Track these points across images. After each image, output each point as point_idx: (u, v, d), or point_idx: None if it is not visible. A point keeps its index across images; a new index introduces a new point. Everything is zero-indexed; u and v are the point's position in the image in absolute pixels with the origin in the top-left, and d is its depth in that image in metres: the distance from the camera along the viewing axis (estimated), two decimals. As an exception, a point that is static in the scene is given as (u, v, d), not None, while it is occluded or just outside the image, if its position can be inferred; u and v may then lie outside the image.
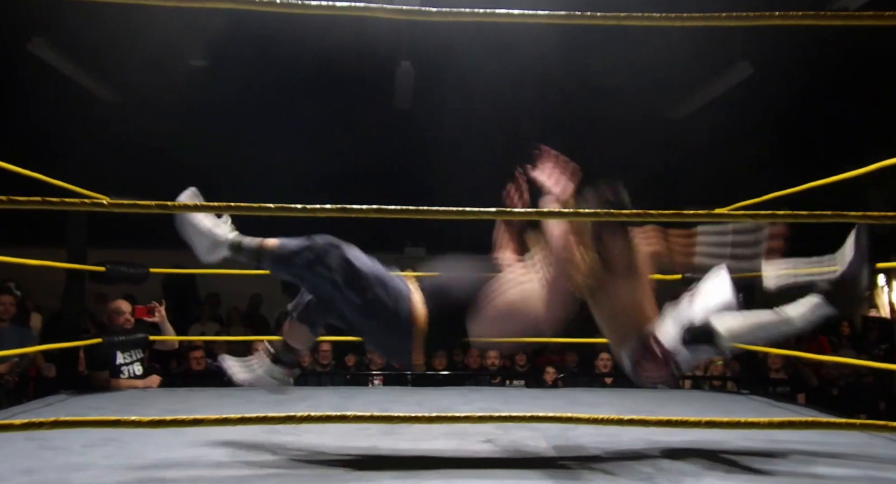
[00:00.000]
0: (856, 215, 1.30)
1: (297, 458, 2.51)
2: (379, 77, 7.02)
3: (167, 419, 1.36)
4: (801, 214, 1.35)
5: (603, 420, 1.48)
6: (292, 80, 6.72)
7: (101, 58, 6.63)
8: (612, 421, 1.49)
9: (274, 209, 1.32)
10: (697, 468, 2.43)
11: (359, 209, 1.32)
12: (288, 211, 1.32)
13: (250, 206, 1.33)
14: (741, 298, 2.13)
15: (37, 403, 3.73)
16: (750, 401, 4.11)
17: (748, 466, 2.47)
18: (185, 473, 2.28)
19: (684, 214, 1.35)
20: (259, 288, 8.54)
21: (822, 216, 1.33)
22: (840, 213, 1.31)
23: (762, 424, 1.37)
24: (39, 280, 6.68)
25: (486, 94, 6.87)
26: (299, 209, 1.32)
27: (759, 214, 1.43)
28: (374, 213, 1.32)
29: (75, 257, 4.07)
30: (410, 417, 1.99)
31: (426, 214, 1.36)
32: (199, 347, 5.62)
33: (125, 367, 4.29)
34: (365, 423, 2.32)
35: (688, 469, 2.41)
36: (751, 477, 2.32)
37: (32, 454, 2.49)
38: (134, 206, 1.32)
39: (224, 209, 1.33)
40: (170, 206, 1.32)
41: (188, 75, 6.85)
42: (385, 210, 1.32)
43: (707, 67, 7.20)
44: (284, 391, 2.49)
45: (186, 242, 2.27)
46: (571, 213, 1.35)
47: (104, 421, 1.34)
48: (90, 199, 3.71)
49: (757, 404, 3.99)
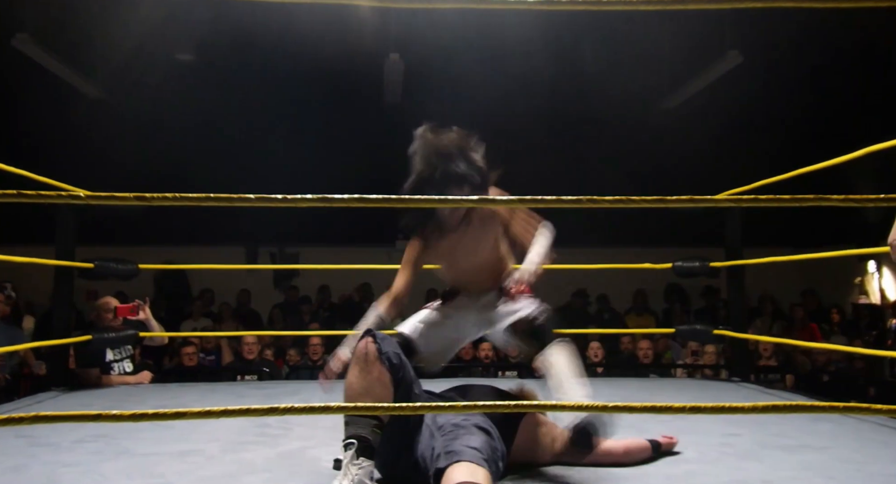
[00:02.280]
0: (837, 198, 1.29)
1: (287, 451, 2.50)
2: (367, 70, 6.98)
3: (149, 413, 1.35)
4: (783, 198, 1.35)
5: (589, 407, 1.48)
6: (279, 73, 6.67)
7: (86, 54, 6.57)
8: (597, 408, 1.49)
9: (254, 200, 1.31)
10: (687, 454, 2.45)
11: (340, 199, 1.31)
12: (268, 201, 1.31)
13: (230, 197, 1.31)
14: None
15: (28, 401, 3.72)
16: (740, 388, 4.13)
17: (736, 451, 2.49)
18: (173, 467, 2.27)
19: (667, 200, 1.34)
20: (247, 283, 8.54)
21: (803, 200, 1.32)
22: (822, 196, 1.31)
23: (746, 408, 1.37)
24: (32, 279, 6.67)
25: (476, 88, 6.85)
26: (279, 200, 1.30)
27: (742, 199, 1.43)
28: (355, 202, 1.31)
29: (63, 254, 4.04)
30: (397, 407, 1.99)
31: (408, 204, 1.35)
32: (192, 343, 5.60)
33: (116, 363, 4.27)
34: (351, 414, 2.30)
35: (676, 454, 2.43)
36: (738, 463, 2.34)
37: (22, 451, 2.48)
38: (111, 199, 1.31)
39: (204, 201, 1.32)
40: (147, 198, 1.30)
41: (174, 70, 6.81)
42: (366, 199, 1.31)
43: (696, 57, 7.20)
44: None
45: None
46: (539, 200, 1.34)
47: (85, 416, 1.32)
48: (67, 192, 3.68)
49: (747, 391, 4.02)
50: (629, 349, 6.02)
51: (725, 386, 4.25)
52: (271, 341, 5.96)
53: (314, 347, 5.60)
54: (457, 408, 1.81)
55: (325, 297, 8.48)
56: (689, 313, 8.45)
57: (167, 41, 6.50)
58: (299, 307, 8.10)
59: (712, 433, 2.75)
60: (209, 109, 7.25)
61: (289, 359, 5.75)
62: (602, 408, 1.40)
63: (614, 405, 1.33)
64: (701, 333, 4.59)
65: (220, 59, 6.65)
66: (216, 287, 8.37)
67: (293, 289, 8.68)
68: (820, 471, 2.23)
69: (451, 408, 1.81)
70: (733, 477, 2.16)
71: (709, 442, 2.63)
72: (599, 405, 1.39)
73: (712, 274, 4.51)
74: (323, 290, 8.59)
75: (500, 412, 2.08)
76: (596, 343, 5.77)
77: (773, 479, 2.14)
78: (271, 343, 5.95)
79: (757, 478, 2.15)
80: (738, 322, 4.44)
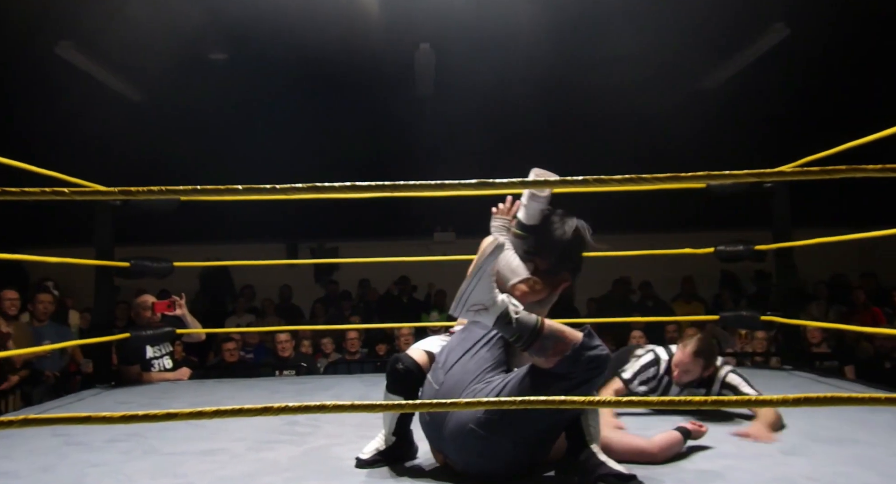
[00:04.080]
0: (874, 168, 1.17)
1: (311, 449, 2.47)
2: (398, 62, 6.92)
3: (160, 413, 1.32)
4: (811, 171, 1.23)
5: (606, 403, 1.39)
6: (310, 69, 6.64)
7: (126, 57, 6.66)
8: (618, 403, 1.39)
9: (242, 191, 1.25)
10: (724, 447, 2.32)
11: (330, 187, 1.24)
12: (257, 192, 1.25)
13: (217, 189, 1.26)
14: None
15: (70, 398, 3.79)
16: (791, 376, 3.95)
17: (780, 445, 2.35)
18: (197, 466, 2.26)
19: (681, 177, 1.23)
20: (288, 279, 8.60)
21: (834, 172, 1.20)
22: (857, 167, 1.19)
23: (775, 401, 1.26)
24: (81, 279, 6.84)
25: (507, 73, 6.71)
26: (268, 190, 1.24)
27: (764, 173, 1.31)
28: (347, 191, 1.24)
29: (102, 255, 4.10)
30: (427, 404, 1.92)
31: (404, 190, 1.28)
32: (233, 339, 5.65)
33: (155, 360, 4.32)
34: (378, 411, 2.25)
35: (716, 449, 2.31)
36: (782, 458, 2.20)
37: (55, 450, 2.51)
38: (95, 194, 1.27)
39: (191, 193, 1.26)
40: (132, 191, 1.26)
41: (209, 69, 6.86)
42: (358, 187, 1.24)
43: (740, 32, 6.91)
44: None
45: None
46: (557, 181, 1.25)
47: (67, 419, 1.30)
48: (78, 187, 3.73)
49: (798, 380, 3.83)
50: (674, 338, 5.84)
51: (776, 375, 4.06)
52: (310, 336, 5.97)
53: (352, 341, 5.58)
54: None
55: (364, 290, 8.49)
56: (741, 300, 8.18)
57: (201, 41, 6.55)
58: (340, 302, 8.13)
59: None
60: (244, 107, 7.30)
61: (324, 347, 5.77)
62: (618, 403, 1.30)
63: (628, 399, 1.24)
64: (747, 320, 4.40)
65: (252, 57, 6.66)
66: (258, 283, 8.47)
67: (333, 283, 8.72)
68: (871, 467, 2.08)
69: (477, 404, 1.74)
70: (775, 473, 2.04)
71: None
72: (609, 400, 1.30)
73: (758, 257, 4.31)
74: (363, 283, 8.61)
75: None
76: (638, 332, 5.61)
77: (818, 475, 2.01)
78: (310, 337, 5.97)
79: (800, 474, 2.02)
80: (788, 307, 4.24)
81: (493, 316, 1.91)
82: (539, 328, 1.90)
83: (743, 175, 1.26)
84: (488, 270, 1.91)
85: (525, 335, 1.90)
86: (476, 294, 1.90)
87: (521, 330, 1.90)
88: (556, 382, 1.89)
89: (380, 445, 2.23)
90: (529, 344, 1.91)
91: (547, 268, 2.23)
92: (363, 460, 2.21)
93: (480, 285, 1.90)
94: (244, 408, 1.84)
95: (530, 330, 1.90)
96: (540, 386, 1.89)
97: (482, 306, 1.91)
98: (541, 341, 1.90)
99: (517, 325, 1.90)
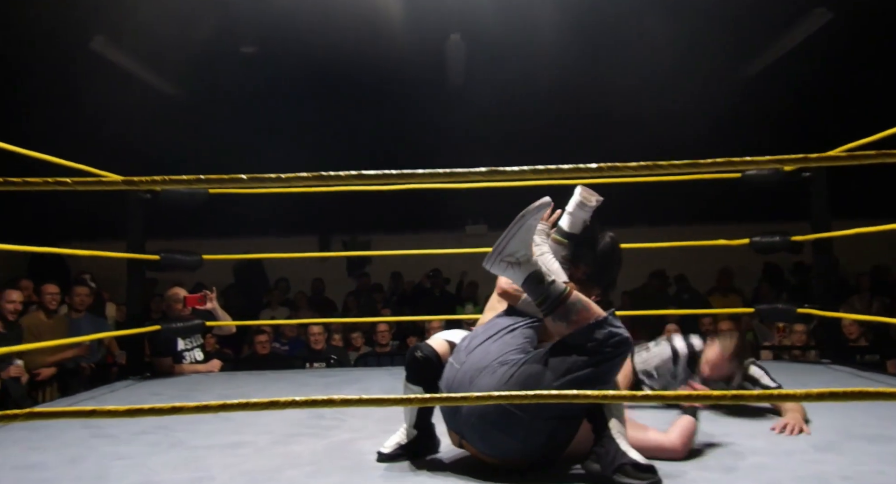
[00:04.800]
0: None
1: (335, 443, 2.46)
2: (428, 54, 6.87)
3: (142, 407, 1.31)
4: (856, 155, 1.16)
5: (631, 397, 1.34)
6: (339, 61, 6.63)
7: (161, 51, 6.74)
8: (637, 397, 1.35)
9: (247, 181, 1.23)
10: (756, 443, 2.25)
11: (336, 177, 1.22)
12: (262, 182, 1.23)
13: (221, 179, 1.24)
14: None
15: (103, 389, 3.85)
16: (829, 371, 3.83)
17: (815, 441, 2.27)
18: (220, 460, 2.26)
19: (700, 164, 1.18)
20: (321, 272, 8.65)
21: (881, 156, 1.14)
22: (886, 152, 1.12)
23: (798, 395, 1.20)
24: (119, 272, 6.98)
25: (536, 62, 6.62)
26: (273, 180, 1.22)
27: (786, 159, 1.25)
28: (353, 179, 1.22)
29: (133, 248, 4.17)
30: (449, 398, 1.89)
31: (409, 180, 1.25)
32: (265, 332, 5.70)
33: (187, 352, 4.37)
34: (400, 405, 2.23)
35: (745, 444, 2.24)
36: (815, 455, 2.13)
37: (83, 442, 2.54)
38: (98, 184, 1.26)
39: (195, 183, 1.25)
40: (135, 181, 1.25)
41: (240, 63, 6.90)
42: (365, 176, 1.21)
43: (780, 16, 6.70)
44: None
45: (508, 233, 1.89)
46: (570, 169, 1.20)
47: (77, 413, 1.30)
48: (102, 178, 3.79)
49: (837, 375, 3.71)
50: (710, 331, 5.72)
51: (813, 369, 3.95)
52: (341, 329, 6.01)
53: (382, 334, 5.59)
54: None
55: (396, 283, 8.49)
56: (781, 292, 7.97)
57: (231, 34, 6.59)
58: (372, 295, 8.14)
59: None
60: (273, 100, 7.33)
61: (354, 340, 5.79)
62: (632, 397, 1.25)
63: (644, 394, 1.19)
64: (783, 312, 4.28)
65: (282, 50, 6.68)
66: (291, 276, 8.53)
67: (365, 276, 8.74)
68: (910, 465, 2.00)
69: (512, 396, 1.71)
70: (808, 471, 1.97)
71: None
72: (634, 394, 1.25)
73: (795, 248, 4.19)
74: (395, 276, 8.61)
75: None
76: (673, 325, 5.50)
77: (853, 474, 1.93)
78: (340, 330, 6.00)
79: (835, 473, 1.94)
80: (827, 299, 4.12)
81: (524, 273, 1.90)
82: (566, 295, 1.90)
83: (765, 161, 1.20)
84: (530, 223, 1.89)
85: (551, 298, 1.90)
86: (513, 244, 1.89)
87: (548, 292, 1.89)
88: (575, 353, 1.88)
89: (401, 439, 2.22)
90: (554, 308, 1.90)
91: (582, 278, 2.25)
92: (384, 454, 2.19)
93: (519, 236, 1.88)
94: (260, 402, 1.84)
95: (558, 294, 1.90)
96: (560, 354, 1.90)
97: (515, 260, 1.89)
98: (565, 307, 1.89)
99: (546, 286, 1.89)
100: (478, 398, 1.64)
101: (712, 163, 1.20)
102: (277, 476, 2.08)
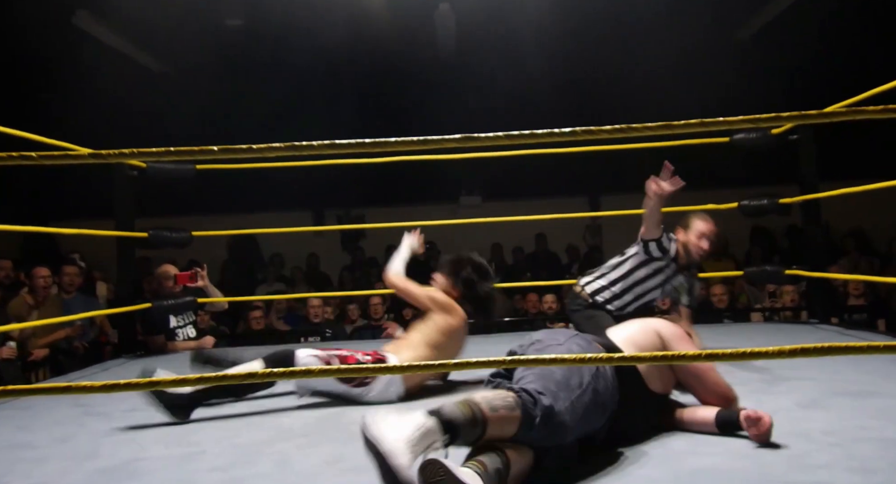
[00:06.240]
0: (874, 110, 1.10)
1: (325, 415, 2.48)
2: (417, 22, 6.77)
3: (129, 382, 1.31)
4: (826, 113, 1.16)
5: (636, 358, 1.34)
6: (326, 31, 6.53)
7: (146, 27, 6.63)
8: (638, 359, 1.35)
9: (217, 152, 1.21)
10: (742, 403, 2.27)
11: (309, 146, 1.20)
12: (233, 152, 1.21)
13: (191, 150, 1.22)
14: None
15: (95, 368, 3.87)
16: (817, 330, 3.86)
17: (799, 399, 2.29)
18: (212, 434, 2.28)
19: (673, 126, 1.17)
20: (314, 247, 8.63)
21: (860, 113, 1.13)
22: (857, 108, 1.11)
23: (770, 352, 1.21)
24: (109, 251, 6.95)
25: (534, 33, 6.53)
26: (244, 150, 1.21)
27: (765, 118, 1.24)
28: (326, 148, 1.20)
29: (121, 225, 4.15)
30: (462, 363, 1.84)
31: (383, 147, 1.23)
32: (258, 307, 5.71)
33: (179, 329, 4.38)
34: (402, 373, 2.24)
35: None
36: (800, 412, 2.15)
37: (74, 421, 2.56)
38: (64, 158, 1.25)
39: (164, 155, 1.23)
40: (103, 155, 1.23)
41: (225, 36, 6.80)
42: (337, 145, 1.20)
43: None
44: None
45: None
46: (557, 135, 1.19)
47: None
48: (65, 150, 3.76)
49: (824, 333, 3.74)
50: (702, 295, 5.74)
51: (801, 329, 3.98)
52: (335, 303, 6.01)
53: (375, 307, 5.61)
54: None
55: (391, 256, 8.47)
56: (772, 255, 7.99)
57: (217, 7, 6.49)
58: (367, 268, 8.14)
59: (775, 380, 2.56)
60: (259, 74, 7.25)
61: (350, 313, 5.81)
62: (637, 359, 1.26)
63: (652, 355, 1.20)
64: (772, 275, 4.30)
65: (267, 22, 6.58)
66: (286, 252, 8.51)
67: (360, 250, 8.73)
68: (892, 419, 2.02)
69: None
70: (791, 428, 1.98)
71: (770, 390, 2.44)
72: (640, 356, 1.26)
73: (783, 211, 4.19)
74: (390, 250, 8.58)
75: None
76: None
77: (837, 429, 1.95)
78: (334, 304, 6.00)
79: (818, 429, 1.96)
80: (816, 261, 4.14)
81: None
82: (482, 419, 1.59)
83: (739, 121, 1.19)
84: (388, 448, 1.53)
85: (476, 433, 1.59)
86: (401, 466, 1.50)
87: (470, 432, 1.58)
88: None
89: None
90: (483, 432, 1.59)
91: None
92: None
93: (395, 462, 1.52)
94: (237, 373, 1.85)
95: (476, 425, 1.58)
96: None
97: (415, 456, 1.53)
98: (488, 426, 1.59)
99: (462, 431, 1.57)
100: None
101: (685, 124, 1.19)
102: (269, 449, 2.09)
